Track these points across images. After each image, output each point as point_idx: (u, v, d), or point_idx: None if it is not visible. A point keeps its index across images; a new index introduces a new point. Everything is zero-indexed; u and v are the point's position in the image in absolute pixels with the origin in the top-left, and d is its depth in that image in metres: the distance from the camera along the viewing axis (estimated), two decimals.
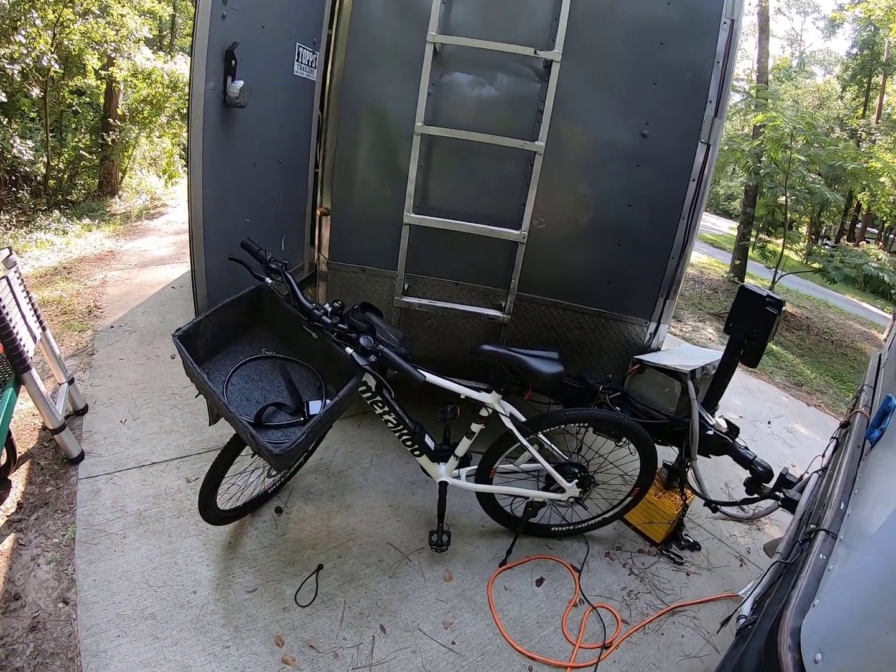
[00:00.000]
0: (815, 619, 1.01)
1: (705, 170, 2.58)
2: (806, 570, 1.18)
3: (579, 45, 2.48)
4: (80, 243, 6.52)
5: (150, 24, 8.66)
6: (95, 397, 3.27)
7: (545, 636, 2.26)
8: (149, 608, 2.07)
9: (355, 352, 1.75)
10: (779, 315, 2.42)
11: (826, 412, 5.31)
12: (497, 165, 2.64)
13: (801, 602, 1.08)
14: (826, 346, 8.09)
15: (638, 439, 2.44)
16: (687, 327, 7.04)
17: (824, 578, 1.13)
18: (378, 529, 2.61)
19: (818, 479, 2.12)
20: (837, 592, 1.01)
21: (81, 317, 4.39)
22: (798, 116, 7.90)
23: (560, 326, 2.89)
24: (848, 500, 1.41)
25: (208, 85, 1.84)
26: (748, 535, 3.08)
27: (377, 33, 2.56)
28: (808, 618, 1.03)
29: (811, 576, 1.16)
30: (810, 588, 1.12)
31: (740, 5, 2.46)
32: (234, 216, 2.18)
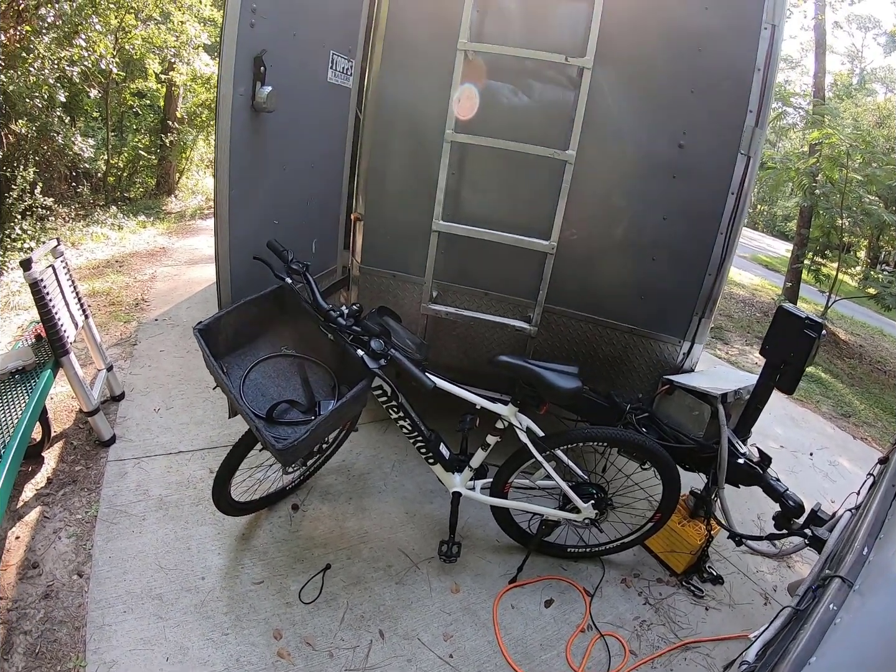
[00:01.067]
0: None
1: (745, 183, 2.47)
2: (812, 620, 1.10)
3: (612, 53, 2.42)
4: (134, 239, 6.82)
5: (209, 31, 9.02)
6: (133, 385, 3.40)
7: (547, 660, 2.18)
8: (157, 589, 2.14)
9: (366, 354, 1.75)
10: (818, 338, 2.29)
11: (873, 446, 5.01)
12: (527, 174, 2.60)
13: (798, 656, 1.00)
14: (878, 376, 7.67)
15: (660, 463, 2.35)
16: (733, 350, 6.80)
17: (829, 632, 1.04)
18: (391, 535, 2.60)
19: (850, 518, 2.00)
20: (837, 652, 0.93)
21: (128, 308, 4.58)
22: (855, 134, 7.55)
23: (589, 342, 2.82)
24: (872, 545, 1.31)
25: (237, 90, 1.89)
26: (776, 573, 2.91)
27: (411, 41, 2.57)
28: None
29: (815, 628, 1.07)
30: (812, 642, 1.04)
31: (781, 10, 2.35)
32: (261, 217, 2.22)
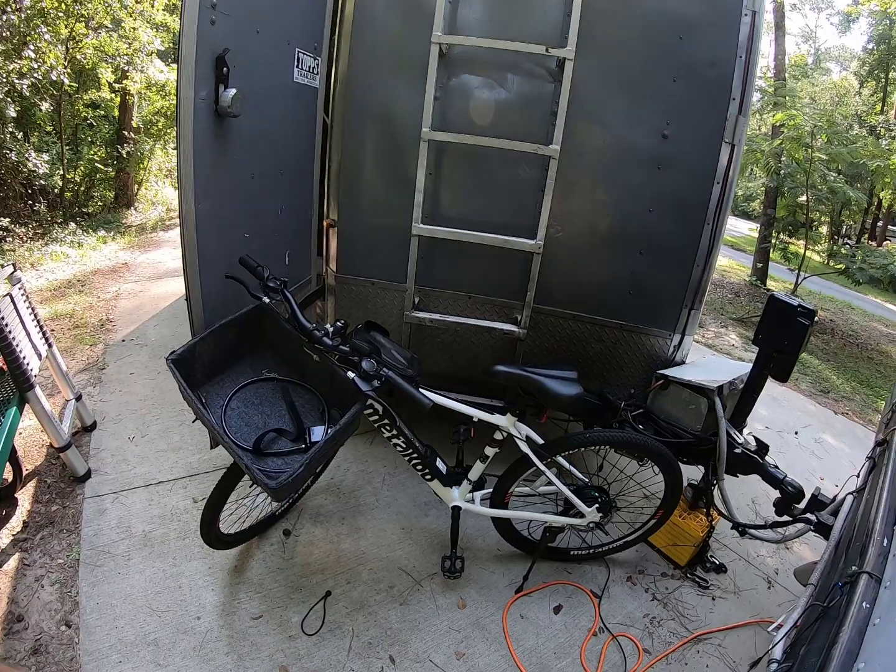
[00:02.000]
0: None
1: (730, 171, 2.44)
2: (848, 621, 1.05)
3: (594, 42, 2.35)
4: (95, 255, 6.57)
5: (162, 36, 8.72)
6: (104, 413, 3.23)
7: (563, 668, 2.14)
8: (151, 633, 2.02)
9: (358, 376, 1.65)
10: (811, 326, 2.27)
11: (854, 420, 5.11)
12: (510, 171, 2.53)
13: (843, 661, 0.96)
14: (851, 349, 7.85)
15: (662, 461, 2.31)
16: (709, 334, 6.86)
17: (868, 633, 1.00)
18: (389, 553, 2.51)
19: (854, 502, 1.98)
20: (885, 659, 0.88)
21: (93, 330, 4.38)
22: (818, 114, 7.70)
23: (579, 340, 2.76)
24: (892, 536, 1.28)
25: (199, 94, 1.75)
26: (776, 556, 2.92)
27: (380, 36, 2.47)
28: None
29: (853, 629, 1.03)
30: (853, 644, 1.00)
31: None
32: (232, 231, 2.09)
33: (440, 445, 2.28)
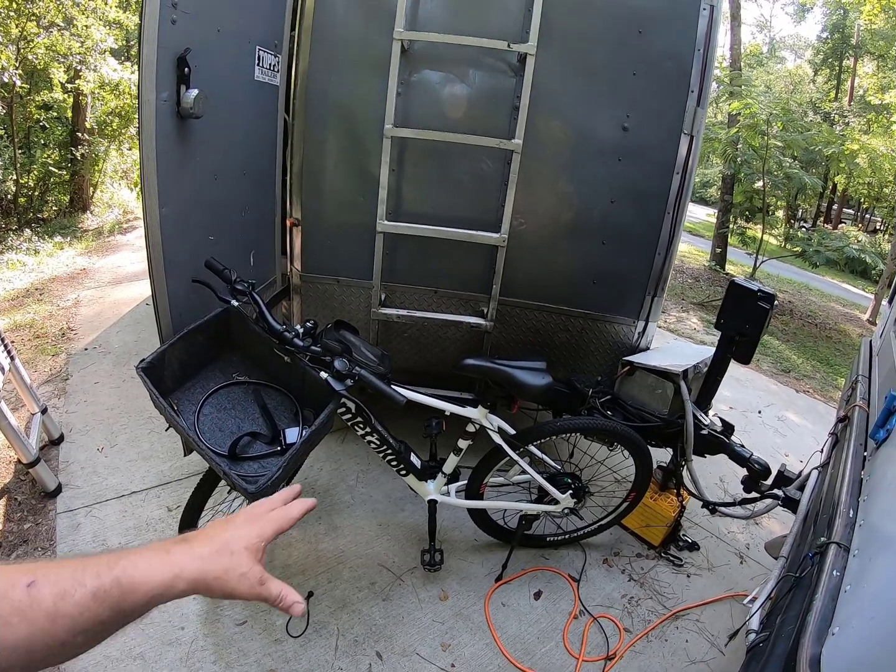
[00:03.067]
0: (835, 648, 0.94)
1: (689, 162, 2.49)
2: (820, 588, 1.11)
3: (555, 37, 2.37)
4: (53, 262, 6.37)
5: (115, 34, 8.45)
6: (71, 425, 3.16)
7: (547, 652, 2.19)
8: (136, 648, 1.99)
9: (330, 376, 1.64)
10: (771, 309, 2.35)
11: (816, 398, 5.31)
12: (473, 166, 2.54)
13: (818, 626, 1.02)
14: (810, 329, 8.12)
15: (632, 445, 2.37)
16: (671, 318, 7.02)
17: (841, 599, 1.06)
18: (368, 550, 2.52)
19: (818, 476, 2.07)
20: (858, 621, 0.94)
21: (54, 340, 4.26)
22: (773, 103, 7.92)
23: (545, 330, 2.80)
24: (857, 507, 1.34)
25: (160, 96, 1.71)
26: (746, 531, 3.04)
27: (341, 32, 2.44)
28: (827, 646, 0.96)
29: (826, 596, 1.09)
30: (827, 610, 1.05)
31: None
32: (197, 234, 2.05)
33: (412, 439, 2.29)
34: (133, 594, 0.51)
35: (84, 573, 0.49)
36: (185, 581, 0.54)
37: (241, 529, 0.62)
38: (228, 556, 0.58)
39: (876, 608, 0.90)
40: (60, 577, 0.48)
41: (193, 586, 0.55)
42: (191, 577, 0.55)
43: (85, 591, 0.49)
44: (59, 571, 0.49)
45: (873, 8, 10.19)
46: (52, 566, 0.49)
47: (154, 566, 0.54)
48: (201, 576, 0.56)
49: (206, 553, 0.57)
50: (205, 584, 0.56)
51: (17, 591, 0.46)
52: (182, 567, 0.55)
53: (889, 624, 0.84)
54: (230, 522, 0.64)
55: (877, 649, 0.84)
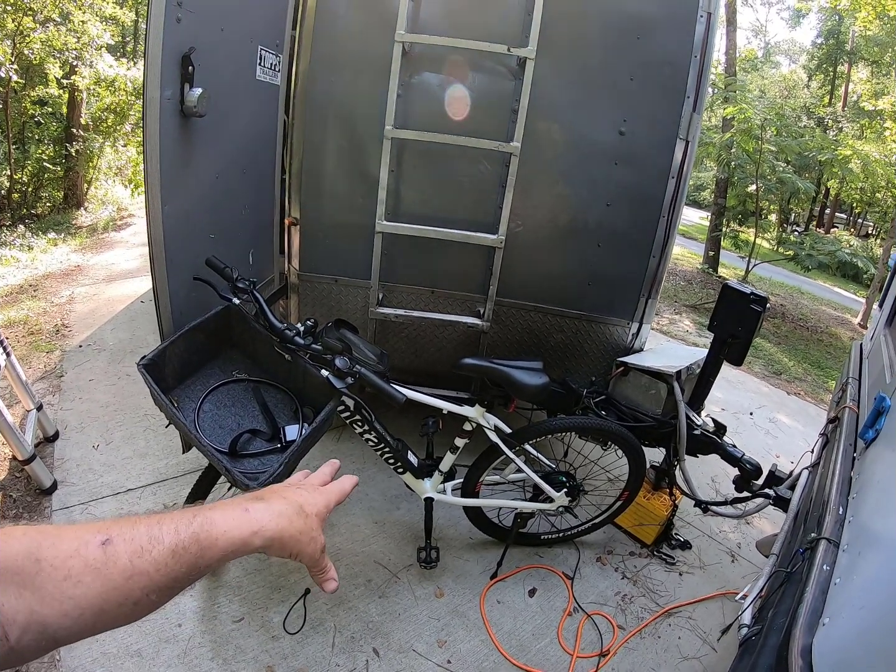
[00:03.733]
0: (826, 638, 0.97)
1: (684, 166, 2.53)
2: (811, 582, 1.14)
3: (554, 42, 2.39)
4: (46, 259, 6.33)
5: (112, 30, 8.41)
6: (66, 422, 3.15)
7: (542, 648, 2.22)
8: (134, 645, 1.99)
9: (331, 374, 1.66)
10: (763, 312, 2.39)
11: (807, 400, 5.37)
12: (471, 168, 2.56)
13: (809, 618, 1.05)
14: (802, 332, 8.20)
15: (626, 444, 2.40)
16: (664, 320, 7.07)
17: (831, 592, 1.09)
18: (364, 548, 2.54)
19: (809, 476, 2.10)
20: (847, 611, 0.97)
21: (49, 336, 4.24)
22: (768, 108, 7.99)
23: (541, 331, 2.83)
24: (846, 505, 1.38)
25: (164, 94, 1.72)
26: (738, 531, 3.08)
27: (343, 33, 2.46)
28: (818, 637, 0.99)
29: (817, 589, 1.12)
30: (818, 602, 1.08)
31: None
32: (198, 232, 2.07)
33: (408, 438, 2.31)
34: (211, 550, 0.51)
35: (161, 530, 0.50)
36: (262, 538, 0.55)
37: (311, 496, 0.64)
38: (304, 519, 0.60)
39: (865, 598, 0.93)
40: (136, 534, 0.48)
41: (269, 544, 0.56)
42: (268, 535, 0.56)
43: (163, 548, 0.49)
44: (133, 529, 0.49)
45: (868, 14, 10.30)
46: (126, 524, 0.49)
47: (233, 522, 0.54)
48: (279, 535, 0.57)
49: (286, 512, 0.58)
50: (280, 542, 0.57)
51: (91, 549, 0.46)
52: (262, 525, 0.55)
53: (878, 612, 0.87)
54: (296, 487, 0.65)
55: (867, 636, 0.87)
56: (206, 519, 0.52)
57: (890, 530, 0.99)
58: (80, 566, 0.45)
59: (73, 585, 0.44)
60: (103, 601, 0.45)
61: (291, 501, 0.61)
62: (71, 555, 0.45)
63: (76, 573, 0.44)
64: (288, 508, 0.59)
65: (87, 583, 0.45)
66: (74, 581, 0.44)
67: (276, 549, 0.57)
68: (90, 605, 0.45)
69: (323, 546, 0.62)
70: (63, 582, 0.44)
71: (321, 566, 0.63)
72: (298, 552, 0.59)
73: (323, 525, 0.63)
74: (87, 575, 0.45)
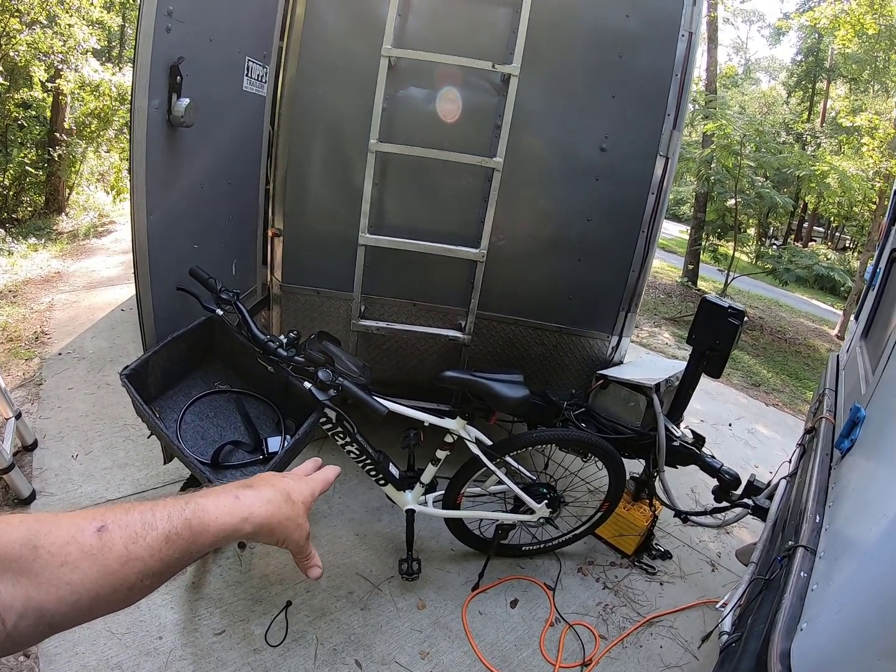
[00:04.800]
0: (804, 643, 0.99)
1: (664, 182, 2.58)
2: (789, 588, 1.17)
3: (538, 59, 2.44)
4: (26, 264, 6.25)
5: (98, 34, 8.35)
6: (45, 431, 3.10)
7: (524, 659, 2.22)
8: (114, 658, 1.96)
9: (314, 386, 1.67)
10: (741, 325, 2.44)
11: (785, 411, 5.46)
12: (454, 182, 2.59)
13: (787, 623, 1.07)
14: (780, 344, 8.34)
15: (605, 456, 2.43)
16: (643, 333, 7.15)
17: (808, 598, 1.12)
18: (346, 560, 2.53)
19: (787, 486, 2.14)
20: (824, 615, 0.99)
21: (28, 343, 4.18)
22: (747, 124, 8.17)
23: (521, 344, 2.85)
24: (823, 513, 1.41)
25: (152, 103, 1.73)
26: (717, 540, 3.11)
27: (330, 47, 2.48)
28: (796, 641, 1.02)
29: (794, 595, 1.14)
30: (795, 608, 1.11)
31: (698, 18, 2.47)
32: (182, 242, 2.07)
33: (390, 450, 2.32)
34: (202, 535, 0.53)
35: (154, 516, 0.51)
36: (251, 524, 0.57)
37: (297, 484, 0.66)
38: (291, 506, 0.62)
39: (841, 602, 0.95)
40: (130, 520, 0.50)
41: (258, 530, 0.58)
42: (258, 521, 0.57)
43: (157, 534, 0.50)
44: (127, 515, 0.50)
45: (847, 33, 10.59)
46: (120, 510, 0.50)
47: (224, 509, 0.55)
48: (268, 521, 0.58)
49: (275, 499, 0.60)
50: (269, 528, 0.59)
51: (87, 535, 0.47)
52: (252, 511, 0.57)
53: (853, 615, 0.90)
54: (281, 476, 0.67)
55: (843, 638, 0.89)
56: (197, 506, 0.54)
57: (864, 536, 1.01)
58: (77, 552, 0.46)
59: (70, 571, 0.45)
60: (99, 586, 0.46)
61: (279, 489, 0.62)
62: (67, 541, 0.46)
63: (73, 559, 0.45)
64: (276, 496, 0.61)
65: (83, 569, 0.46)
66: (71, 567, 0.45)
67: (265, 536, 0.59)
68: (87, 590, 0.46)
69: (308, 533, 0.64)
70: (60, 568, 0.45)
71: (306, 553, 0.65)
72: (285, 538, 0.61)
73: (308, 513, 0.65)
74: (84, 561, 0.46)
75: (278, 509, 0.60)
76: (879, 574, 0.89)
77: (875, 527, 0.97)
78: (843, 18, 10.41)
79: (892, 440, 1.19)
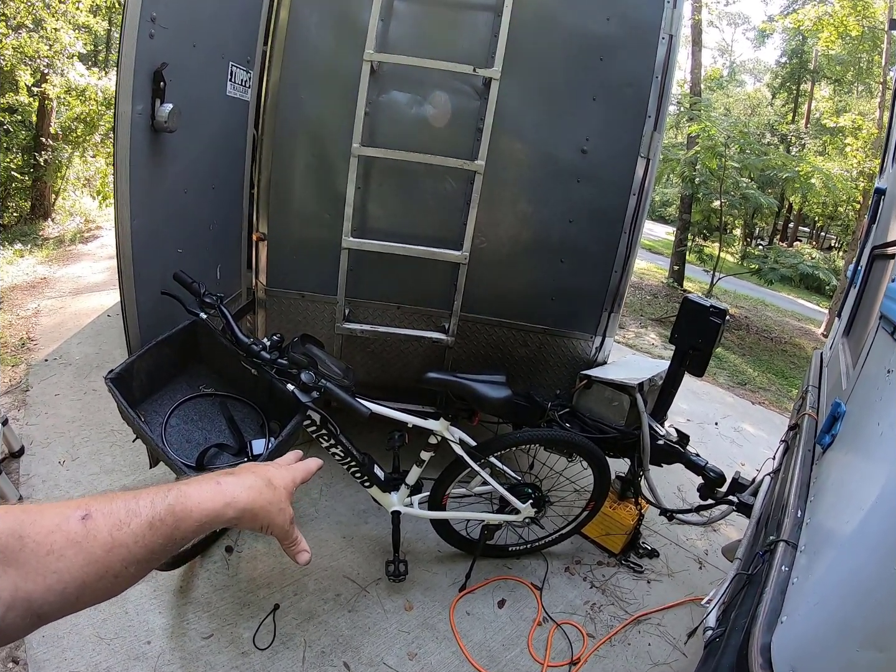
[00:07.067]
0: (784, 635, 1.01)
1: (645, 183, 2.60)
2: (770, 583, 1.18)
3: (519, 62, 2.45)
4: (12, 270, 6.21)
5: (84, 38, 8.32)
6: (32, 437, 3.09)
7: (512, 658, 2.24)
8: (103, 663, 1.96)
9: (297, 388, 1.68)
10: (722, 324, 2.47)
11: (771, 409, 5.51)
12: (437, 186, 2.60)
13: (768, 617, 1.08)
14: (766, 343, 8.42)
15: (590, 455, 2.45)
16: (630, 334, 7.20)
17: (789, 591, 1.14)
18: (333, 562, 2.53)
19: (771, 482, 2.17)
20: (803, 608, 1.01)
21: (14, 350, 4.16)
22: (731, 126, 8.26)
23: (505, 346, 2.87)
24: (804, 508, 1.43)
25: (135, 109, 1.73)
26: (704, 538, 3.14)
27: (313, 51, 2.49)
28: (777, 634, 1.03)
29: (775, 589, 1.16)
30: (776, 602, 1.12)
31: (678, 21, 2.49)
32: (166, 247, 2.07)
33: (375, 452, 2.33)
34: (186, 521, 0.54)
35: (137, 503, 0.51)
36: (234, 509, 0.58)
37: (278, 471, 0.68)
38: (273, 491, 0.63)
39: (819, 594, 0.97)
40: (114, 508, 0.50)
41: (241, 515, 0.59)
42: (240, 507, 0.58)
43: (140, 521, 0.50)
44: (111, 503, 0.51)
45: (830, 35, 10.75)
46: (104, 499, 0.51)
47: (206, 495, 0.56)
48: (250, 505, 0.59)
49: (256, 485, 0.62)
50: (251, 513, 0.60)
51: (72, 523, 0.47)
52: (234, 496, 0.58)
53: (831, 606, 0.91)
54: (263, 465, 0.69)
55: (822, 630, 0.90)
56: (180, 492, 0.55)
57: (841, 529, 1.03)
58: (63, 540, 0.46)
59: (56, 559, 0.45)
60: (85, 574, 0.47)
61: (261, 475, 0.64)
62: (52, 530, 0.46)
63: (58, 547, 0.46)
64: (257, 481, 0.62)
65: (69, 556, 0.46)
66: (57, 555, 0.46)
67: (248, 521, 0.60)
68: (73, 578, 0.46)
69: (292, 517, 0.65)
70: (46, 557, 0.45)
71: (292, 537, 0.66)
72: (269, 523, 0.62)
73: (290, 498, 0.66)
74: (69, 549, 0.46)
75: (260, 494, 0.61)
76: (856, 566, 0.90)
77: (852, 519, 0.98)
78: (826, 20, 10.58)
79: (869, 434, 1.21)
